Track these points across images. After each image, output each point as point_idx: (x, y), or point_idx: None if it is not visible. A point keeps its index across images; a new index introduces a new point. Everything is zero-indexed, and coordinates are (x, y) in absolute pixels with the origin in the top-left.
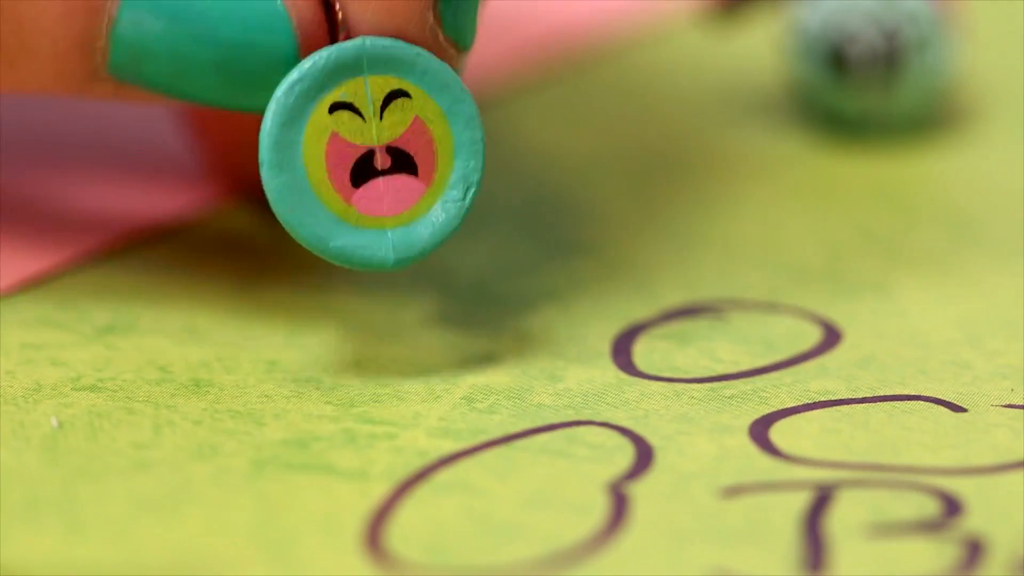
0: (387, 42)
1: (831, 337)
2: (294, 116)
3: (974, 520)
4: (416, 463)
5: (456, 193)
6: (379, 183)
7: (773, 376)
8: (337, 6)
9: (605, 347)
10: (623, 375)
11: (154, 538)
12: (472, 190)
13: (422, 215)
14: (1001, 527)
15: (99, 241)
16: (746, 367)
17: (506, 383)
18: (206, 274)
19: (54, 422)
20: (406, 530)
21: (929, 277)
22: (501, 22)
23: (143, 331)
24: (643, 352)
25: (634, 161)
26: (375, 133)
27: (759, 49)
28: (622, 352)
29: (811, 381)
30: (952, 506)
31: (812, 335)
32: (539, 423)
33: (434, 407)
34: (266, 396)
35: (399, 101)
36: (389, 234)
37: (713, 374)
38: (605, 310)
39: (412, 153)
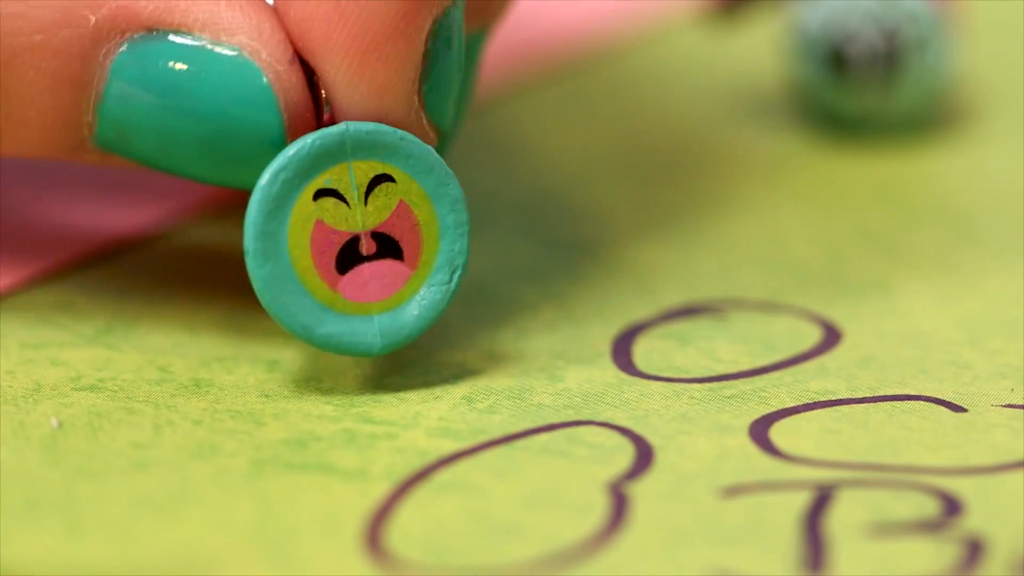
0: (370, 127)
1: (831, 337)
2: (278, 204)
3: (974, 520)
4: (416, 463)
5: (442, 276)
6: (365, 269)
7: (773, 376)
8: (320, 87)
9: (605, 347)
10: (623, 375)
11: (154, 538)
12: (458, 272)
13: (408, 299)
14: (1001, 527)
15: (99, 241)
16: (746, 367)
17: (506, 383)
18: (206, 274)
19: (54, 422)
20: (406, 530)
21: (929, 277)
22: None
23: (143, 331)
24: (643, 352)
25: (634, 161)
26: (360, 219)
27: (759, 49)
28: (622, 352)
29: (811, 381)
30: (952, 506)
31: (812, 335)
32: (539, 423)
33: (434, 407)
34: (266, 396)
35: (384, 185)
36: (376, 320)
37: (713, 374)
38: (605, 310)
39: (397, 238)
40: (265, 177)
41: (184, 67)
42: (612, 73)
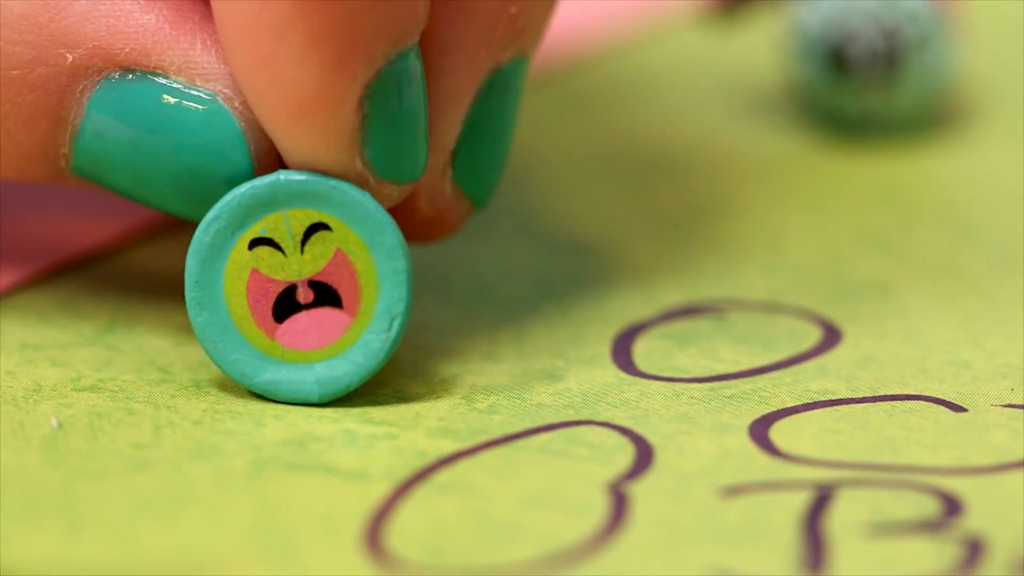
0: (303, 175)
1: (831, 337)
2: (213, 254)
3: (974, 520)
4: (416, 463)
5: (382, 324)
6: (303, 317)
7: (773, 376)
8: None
9: (605, 347)
10: (623, 375)
11: (154, 538)
12: (398, 320)
13: (348, 348)
14: (1001, 527)
15: (99, 240)
16: (746, 367)
17: (506, 383)
18: None
19: (54, 422)
20: (406, 530)
21: (929, 277)
22: None
23: (143, 331)
24: (643, 352)
25: (634, 161)
26: (296, 267)
27: (759, 49)
28: (622, 352)
29: (811, 381)
30: (952, 506)
31: (812, 335)
32: (539, 423)
33: (434, 407)
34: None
35: (320, 234)
36: (316, 367)
37: (713, 374)
38: (605, 310)
39: (335, 286)
40: (200, 227)
41: (159, 109)
42: (612, 73)
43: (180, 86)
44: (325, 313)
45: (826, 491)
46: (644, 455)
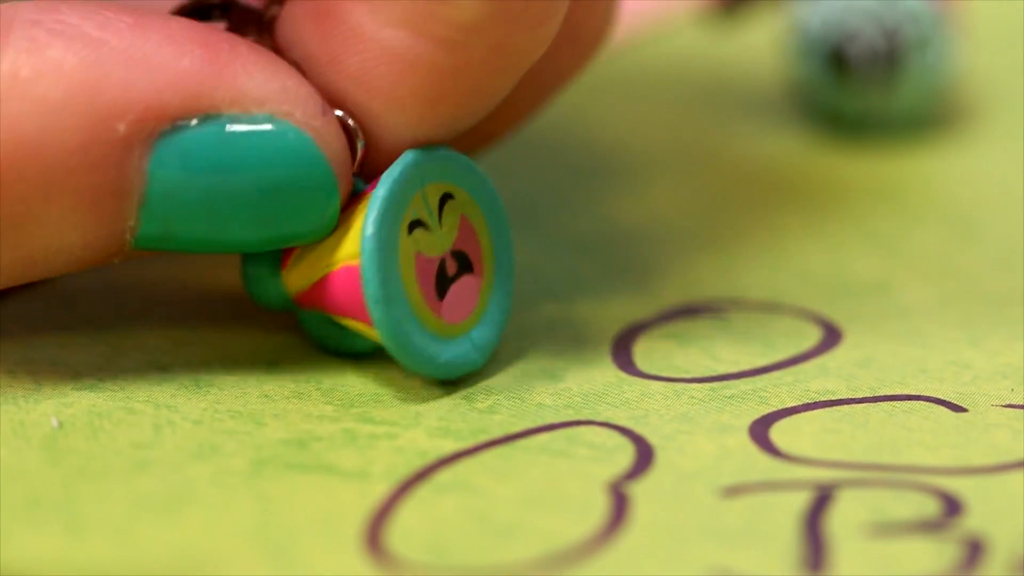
0: (428, 150)
1: (831, 337)
2: (390, 250)
3: (974, 520)
4: (416, 463)
5: (504, 284)
6: (454, 289)
7: (773, 376)
8: (350, 122)
9: (605, 347)
10: (623, 375)
11: (154, 538)
12: (512, 279)
13: (485, 310)
14: (1001, 527)
15: None
16: (746, 367)
17: (506, 383)
18: (207, 273)
19: (54, 422)
20: (406, 530)
21: (929, 276)
22: None
23: (143, 330)
24: (643, 352)
25: (634, 159)
26: (441, 241)
27: (759, 48)
28: (622, 352)
29: (811, 381)
30: (952, 506)
31: (812, 335)
32: (539, 423)
33: (434, 407)
34: (266, 396)
35: (449, 203)
36: (471, 336)
37: (713, 374)
38: (605, 310)
39: (468, 251)
40: (370, 228)
41: (224, 147)
42: (612, 72)
43: (238, 118)
44: (465, 281)
45: (826, 491)
46: (644, 455)
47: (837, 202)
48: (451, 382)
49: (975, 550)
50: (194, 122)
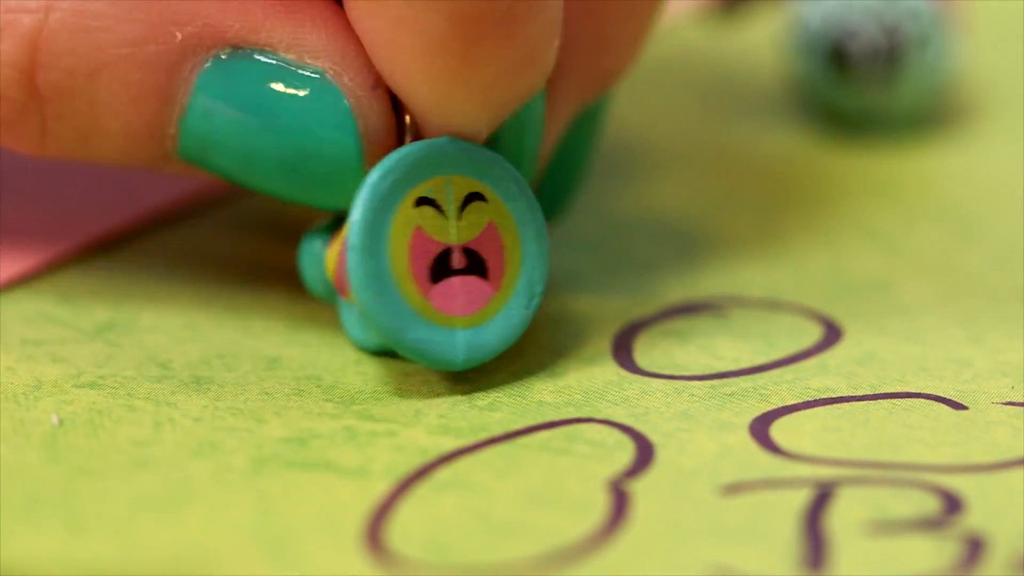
0: (470, 145)
1: (831, 334)
2: (385, 204)
3: (974, 518)
4: (416, 461)
5: (522, 300)
6: (455, 282)
7: (774, 373)
8: (406, 112)
9: (606, 344)
10: (624, 372)
11: (154, 536)
12: (536, 300)
13: (490, 319)
14: (1001, 525)
15: (99, 235)
16: (747, 364)
17: (506, 380)
18: (207, 270)
19: (54, 419)
20: (406, 528)
21: (929, 274)
22: None
23: (144, 328)
24: (644, 349)
25: (634, 157)
26: (454, 232)
27: (760, 46)
28: (623, 349)
29: (812, 378)
30: (952, 504)
31: (812, 332)
32: (540, 420)
33: (434, 404)
34: (266, 393)
35: (476, 204)
36: (459, 334)
37: (714, 371)
38: (605, 307)
39: (485, 257)
40: (374, 176)
41: (267, 86)
42: None
43: (289, 63)
44: (473, 281)
45: (827, 489)
46: (645, 453)
47: (837, 200)
48: (451, 379)
49: (975, 548)
50: (248, 53)
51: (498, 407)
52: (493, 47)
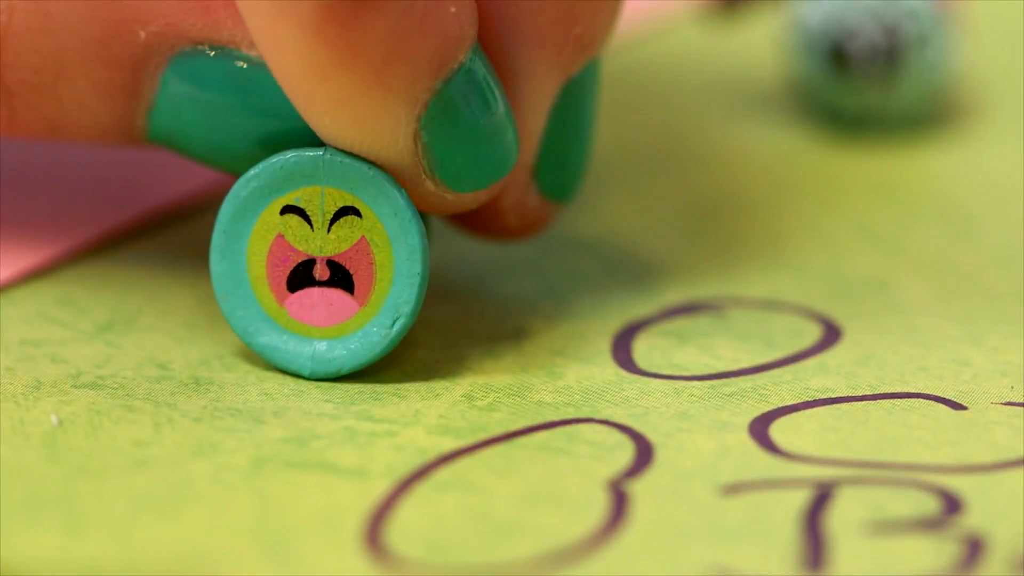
0: (347, 157)
1: (831, 334)
2: (245, 209)
3: (974, 518)
4: (416, 461)
5: (385, 320)
6: (314, 292)
7: (773, 373)
8: None
9: (605, 344)
10: (623, 372)
11: (154, 536)
12: (401, 321)
13: (349, 334)
14: (1001, 525)
15: (99, 234)
16: (746, 364)
17: (506, 380)
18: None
19: (54, 420)
20: (406, 528)
21: (929, 274)
22: None
23: (143, 328)
24: (643, 349)
25: (634, 157)
26: (320, 244)
27: (759, 45)
28: (622, 349)
29: (811, 379)
30: (952, 504)
31: (812, 332)
32: (539, 420)
33: (434, 405)
34: (266, 394)
35: (350, 218)
36: (314, 344)
37: (713, 371)
38: (605, 307)
39: (352, 271)
40: (239, 182)
41: (233, 81)
42: (612, 69)
43: (252, 60)
44: (336, 295)
45: (826, 489)
46: (644, 453)
47: (837, 199)
48: (450, 379)
49: (975, 548)
50: (212, 51)
51: (497, 407)
52: (372, 18)
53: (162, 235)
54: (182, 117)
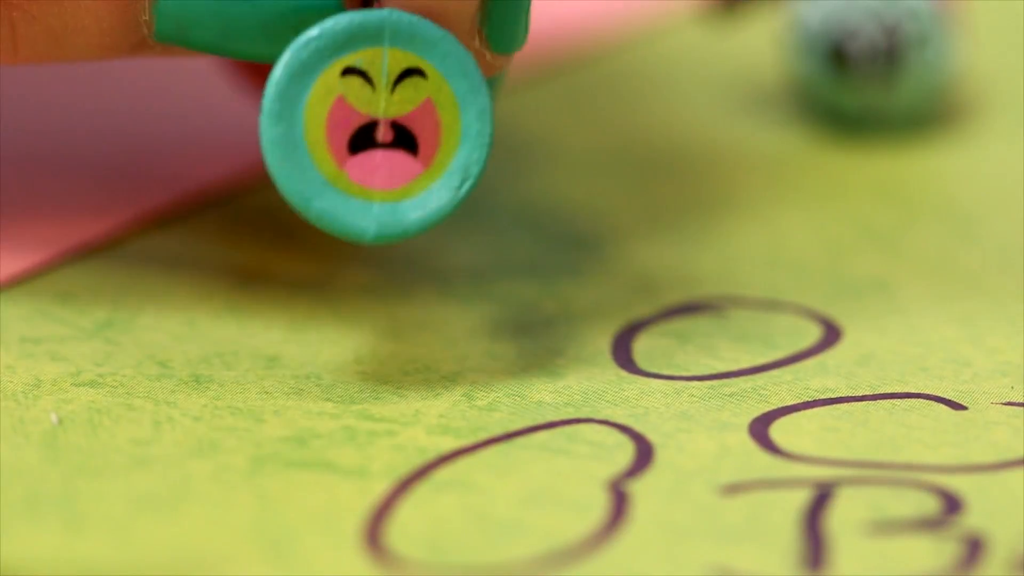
0: (413, 18)
1: (831, 335)
2: (304, 71)
3: (974, 518)
4: (416, 460)
5: (453, 181)
6: (376, 155)
7: (773, 374)
8: None
9: (605, 344)
10: (623, 373)
11: (154, 535)
12: (469, 182)
13: (413, 196)
14: (1001, 525)
15: (98, 233)
16: (746, 365)
17: (506, 380)
18: (206, 269)
19: (54, 418)
20: (406, 528)
21: (929, 274)
22: None
23: (143, 326)
24: (643, 350)
25: (634, 157)
26: (383, 105)
27: (760, 45)
28: (622, 349)
29: (811, 379)
30: (952, 504)
31: (812, 333)
32: (539, 420)
33: (434, 404)
34: (266, 393)
35: (414, 79)
36: (375, 207)
37: (713, 372)
38: (605, 307)
39: (416, 133)
40: (298, 42)
41: None
42: (613, 69)
43: None
44: (399, 156)
45: (826, 489)
46: (644, 453)
47: (837, 199)
48: (450, 379)
49: (975, 548)
50: None
51: (497, 407)
52: None
53: (162, 234)
54: (187, 8)
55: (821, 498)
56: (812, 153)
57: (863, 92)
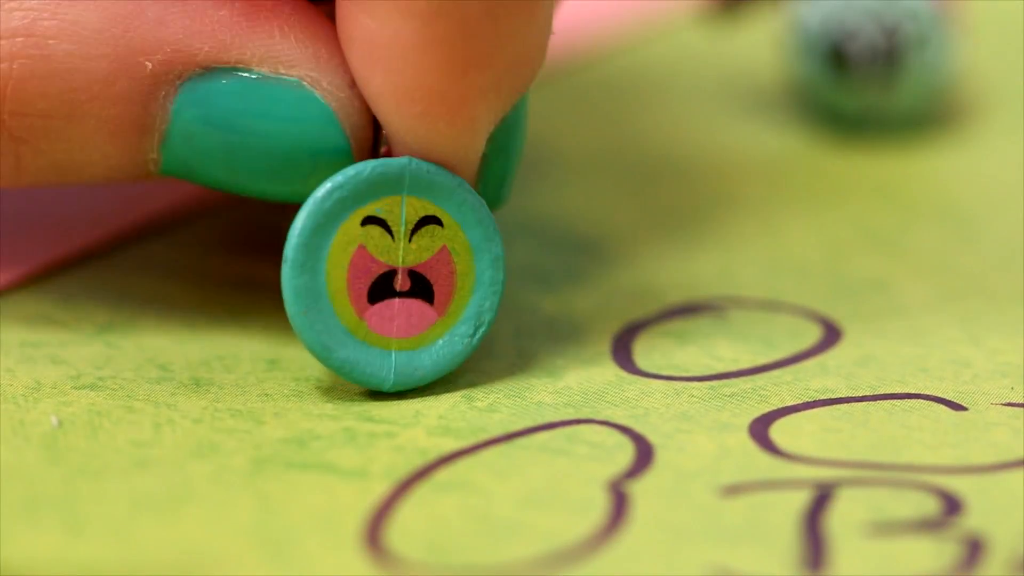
0: (432, 167)
1: (831, 335)
2: (327, 221)
3: (974, 519)
4: (416, 462)
5: (466, 329)
6: (395, 303)
7: (773, 374)
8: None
9: (605, 345)
10: (623, 373)
11: (154, 536)
12: (483, 329)
13: (428, 343)
14: (1001, 526)
15: (99, 236)
16: (746, 365)
17: (506, 381)
18: (206, 272)
19: (54, 420)
20: (406, 529)
21: (929, 275)
22: None
23: (143, 329)
24: (643, 350)
25: (634, 158)
26: (401, 254)
27: (759, 47)
28: (622, 350)
29: (811, 379)
30: (952, 505)
31: (812, 333)
32: (539, 421)
33: (434, 405)
34: (266, 395)
35: (430, 227)
36: (393, 355)
37: (713, 372)
38: (605, 308)
39: (432, 281)
40: (320, 191)
41: (246, 102)
42: (613, 71)
43: (265, 77)
44: (416, 305)
45: (826, 490)
46: (644, 454)
47: (837, 200)
48: (450, 380)
49: (975, 549)
50: (221, 72)
51: (497, 408)
52: (483, 51)
53: (162, 238)
54: (196, 144)
55: (821, 499)
56: (812, 154)
57: (863, 93)
